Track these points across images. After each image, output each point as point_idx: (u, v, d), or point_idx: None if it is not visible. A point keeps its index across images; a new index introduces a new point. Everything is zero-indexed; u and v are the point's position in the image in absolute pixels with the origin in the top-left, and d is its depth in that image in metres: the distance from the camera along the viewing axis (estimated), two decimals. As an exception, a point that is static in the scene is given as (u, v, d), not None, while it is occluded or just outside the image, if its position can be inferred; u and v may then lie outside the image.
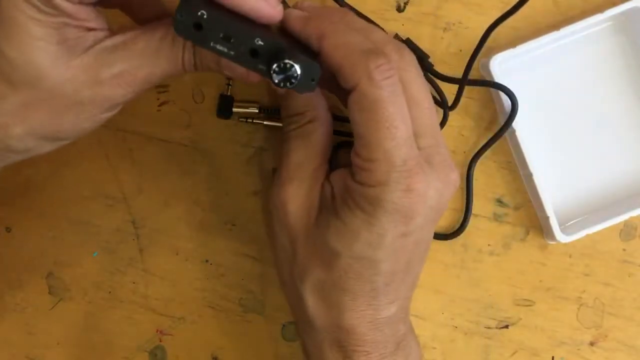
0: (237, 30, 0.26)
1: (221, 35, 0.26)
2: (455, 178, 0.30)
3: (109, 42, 0.28)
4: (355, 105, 0.27)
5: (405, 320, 0.32)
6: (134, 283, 0.40)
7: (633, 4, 0.37)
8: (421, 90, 0.29)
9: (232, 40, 0.26)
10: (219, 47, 0.26)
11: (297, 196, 0.31)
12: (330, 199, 0.30)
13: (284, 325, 0.40)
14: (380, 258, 0.29)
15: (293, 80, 0.26)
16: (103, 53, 0.28)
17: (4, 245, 0.40)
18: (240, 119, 0.39)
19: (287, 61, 0.26)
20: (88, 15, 0.27)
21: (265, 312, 0.40)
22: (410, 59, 0.30)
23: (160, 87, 0.39)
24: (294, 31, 0.29)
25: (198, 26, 0.25)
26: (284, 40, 0.27)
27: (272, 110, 0.39)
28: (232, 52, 0.26)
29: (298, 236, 0.31)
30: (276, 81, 0.26)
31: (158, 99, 0.40)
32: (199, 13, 0.25)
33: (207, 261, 0.40)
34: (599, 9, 0.38)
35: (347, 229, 0.28)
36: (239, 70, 0.28)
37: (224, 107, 0.39)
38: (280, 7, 0.28)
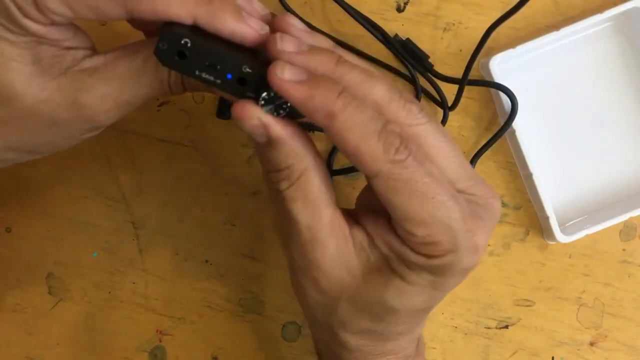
0: (223, 57, 0.24)
1: (206, 64, 0.24)
2: (498, 205, 0.28)
3: (88, 64, 0.27)
4: (387, 191, 0.25)
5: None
6: (133, 283, 0.40)
7: (633, 4, 0.37)
8: (438, 137, 0.27)
9: (218, 68, 0.24)
10: (204, 75, 0.24)
11: (324, 258, 0.27)
12: (380, 259, 0.27)
13: (284, 325, 0.40)
14: (435, 304, 0.29)
15: (285, 107, 0.25)
16: (82, 75, 0.26)
17: (4, 245, 0.40)
18: (240, 119, 0.39)
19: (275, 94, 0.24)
20: (63, 35, 0.26)
21: (265, 312, 0.40)
22: (418, 109, 0.27)
23: (160, 87, 0.39)
24: (291, 101, 0.25)
25: (182, 55, 0.24)
26: None
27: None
28: (218, 81, 0.25)
29: (338, 296, 0.28)
30: (265, 109, 0.25)
31: (158, 99, 0.40)
32: (182, 41, 0.24)
33: (207, 261, 0.40)
34: (599, 9, 0.38)
35: (410, 289, 0.27)
36: (229, 94, 0.27)
37: (224, 107, 0.39)
38: (263, 29, 0.26)
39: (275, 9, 0.39)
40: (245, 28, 0.25)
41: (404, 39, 0.39)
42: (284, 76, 0.24)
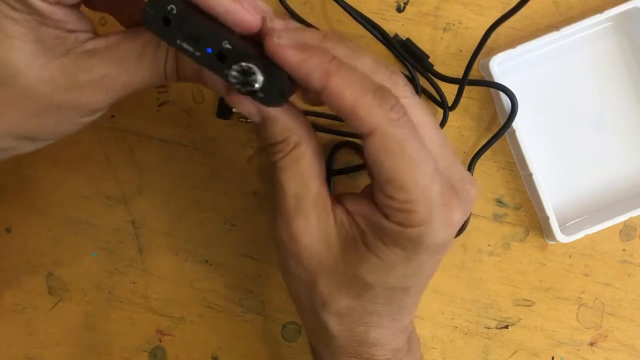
0: (205, 30, 0.24)
1: (189, 34, 0.24)
2: (474, 192, 0.29)
3: (90, 45, 0.27)
4: (380, 150, 0.26)
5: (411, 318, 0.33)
6: (133, 283, 0.40)
7: (633, 4, 0.37)
8: (421, 112, 0.28)
9: (199, 41, 0.24)
10: (185, 45, 0.24)
11: (305, 230, 0.28)
12: (357, 234, 0.28)
13: (284, 325, 0.40)
14: (412, 284, 0.29)
15: (251, 88, 0.24)
16: (83, 57, 0.27)
17: (4, 245, 0.40)
18: (240, 119, 0.39)
19: (247, 64, 0.24)
20: (67, 17, 0.27)
21: (265, 312, 0.40)
22: (403, 82, 0.28)
23: (161, 87, 0.39)
24: (287, 65, 0.25)
25: (166, 21, 0.24)
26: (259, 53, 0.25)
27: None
28: (198, 53, 0.24)
29: (317, 270, 0.29)
30: (232, 81, 0.24)
31: (158, 99, 0.40)
32: (169, 7, 0.24)
33: (207, 261, 0.40)
34: (599, 9, 0.38)
35: (383, 264, 0.28)
36: (220, 85, 0.27)
37: (224, 107, 0.39)
38: (259, 17, 0.25)
39: (275, 9, 0.39)
40: (240, 9, 0.25)
41: (404, 39, 0.39)
42: (281, 41, 0.25)
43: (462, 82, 0.37)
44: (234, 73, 0.24)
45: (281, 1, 0.39)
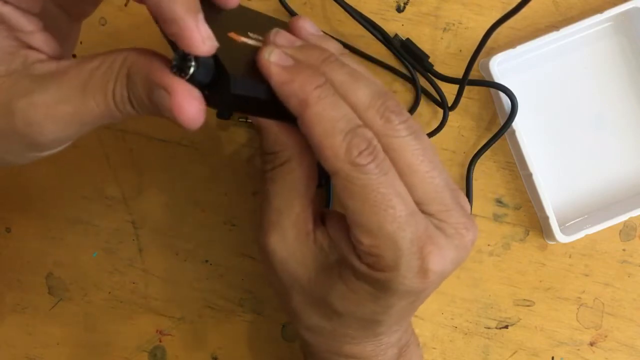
0: None
1: None
2: (472, 237, 0.27)
3: (37, 69, 0.24)
4: (343, 192, 0.25)
5: (407, 329, 0.32)
6: (133, 283, 0.40)
7: (633, 4, 0.37)
8: (416, 153, 0.26)
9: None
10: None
11: (282, 245, 0.28)
12: (334, 260, 0.28)
13: (284, 325, 0.40)
14: (383, 320, 0.28)
15: (183, 75, 0.23)
16: (24, 80, 0.23)
17: (4, 246, 0.40)
18: (240, 119, 0.39)
19: (185, 51, 0.22)
20: (23, 25, 0.24)
21: (265, 312, 0.40)
22: (399, 119, 0.26)
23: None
24: (270, 83, 0.25)
25: None
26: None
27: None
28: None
29: (290, 286, 0.29)
30: (172, 64, 0.23)
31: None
32: None
33: (207, 261, 0.40)
34: (599, 9, 0.38)
35: (353, 296, 0.27)
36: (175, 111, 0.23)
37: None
38: (211, 45, 0.23)
39: (275, 9, 0.39)
40: (195, 33, 0.23)
41: (404, 39, 0.39)
42: (270, 58, 0.25)
43: (462, 82, 0.37)
44: (175, 56, 0.23)
45: (281, 1, 0.39)
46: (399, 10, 0.40)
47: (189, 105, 0.23)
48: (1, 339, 0.40)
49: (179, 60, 0.23)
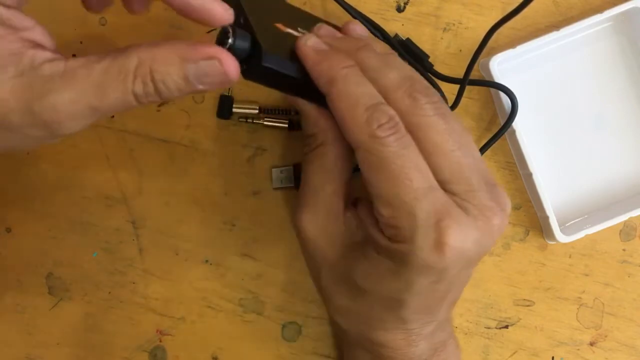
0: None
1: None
2: (498, 222, 0.27)
3: (46, 70, 0.25)
4: (364, 165, 0.27)
5: (445, 328, 0.32)
6: (133, 283, 0.40)
7: (633, 4, 0.37)
8: (441, 132, 0.27)
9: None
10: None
11: (314, 224, 0.30)
12: (358, 238, 0.29)
13: (284, 325, 0.40)
14: (406, 299, 0.28)
15: (224, 45, 0.27)
16: (38, 81, 0.25)
17: (4, 245, 0.40)
18: (240, 119, 0.39)
19: (227, 28, 0.27)
20: (25, 23, 0.25)
21: (265, 312, 0.40)
22: (426, 99, 0.27)
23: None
24: (305, 64, 0.28)
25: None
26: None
27: (271, 111, 0.39)
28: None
29: (320, 264, 0.30)
30: (217, 37, 0.27)
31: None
32: None
33: (207, 261, 0.40)
34: (599, 9, 0.38)
35: (374, 272, 0.28)
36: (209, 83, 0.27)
37: (224, 107, 0.39)
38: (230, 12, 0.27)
39: (275, 9, 0.39)
40: (217, 5, 0.26)
41: (404, 38, 0.39)
42: (307, 43, 0.29)
43: (463, 82, 0.37)
44: (220, 30, 0.27)
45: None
46: (399, 10, 0.40)
47: (235, 66, 0.26)
48: (1, 339, 0.40)
49: (220, 36, 0.27)
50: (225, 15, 0.26)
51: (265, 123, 0.39)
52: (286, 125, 0.39)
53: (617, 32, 0.40)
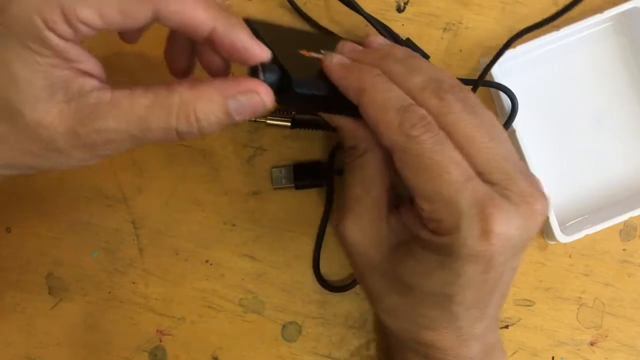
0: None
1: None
2: (540, 207, 0.27)
3: (93, 98, 0.26)
4: (401, 164, 0.27)
5: (495, 329, 0.32)
6: (133, 283, 0.40)
7: (633, 4, 0.37)
8: (472, 126, 0.28)
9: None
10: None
11: (358, 229, 0.31)
12: (403, 238, 0.30)
13: (284, 325, 0.40)
14: (455, 292, 0.28)
15: (256, 76, 0.29)
16: (84, 108, 0.26)
17: (4, 245, 0.40)
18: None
19: (257, 65, 0.28)
20: (79, 56, 0.26)
21: (265, 312, 0.40)
22: (454, 97, 0.28)
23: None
24: (333, 80, 0.29)
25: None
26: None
27: (273, 110, 0.39)
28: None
29: (365, 267, 0.31)
30: (249, 72, 0.29)
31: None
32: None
33: (207, 261, 0.40)
34: (599, 9, 0.38)
35: (420, 268, 0.28)
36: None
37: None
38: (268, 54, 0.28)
39: (279, 6, 0.39)
40: (256, 47, 0.28)
41: (404, 39, 0.39)
42: (332, 61, 0.30)
43: (465, 83, 0.37)
44: (252, 67, 0.29)
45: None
46: (399, 10, 0.40)
47: (271, 95, 0.28)
48: (1, 339, 0.40)
49: (251, 72, 0.28)
50: (262, 54, 0.28)
51: (268, 122, 0.39)
52: (289, 124, 0.39)
53: (617, 32, 0.40)
